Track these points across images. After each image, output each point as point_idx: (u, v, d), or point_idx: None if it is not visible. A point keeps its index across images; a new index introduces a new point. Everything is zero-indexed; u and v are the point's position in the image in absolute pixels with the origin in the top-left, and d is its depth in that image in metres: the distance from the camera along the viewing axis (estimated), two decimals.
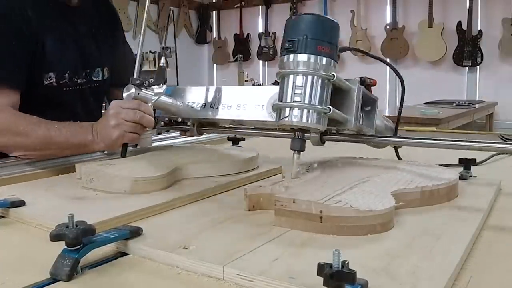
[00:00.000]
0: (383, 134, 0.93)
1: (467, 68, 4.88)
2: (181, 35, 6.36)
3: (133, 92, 0.93)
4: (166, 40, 5.66)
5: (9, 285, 0.50)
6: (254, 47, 6.23)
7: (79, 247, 0.52)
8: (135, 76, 0.94)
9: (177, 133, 1.20)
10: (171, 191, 0.83)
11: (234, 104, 0.93)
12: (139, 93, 0.93)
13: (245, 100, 0.92)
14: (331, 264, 0.43)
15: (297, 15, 0.74)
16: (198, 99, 0.98)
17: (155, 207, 0.74)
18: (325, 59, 0.71)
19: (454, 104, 3.96)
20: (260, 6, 6.15)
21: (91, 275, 0.52)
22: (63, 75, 1.19)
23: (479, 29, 4.75)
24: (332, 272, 0.42)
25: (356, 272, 0.42)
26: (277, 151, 1.19)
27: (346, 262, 0.43)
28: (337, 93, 0.76)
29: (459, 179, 0.82)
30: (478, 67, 4.84)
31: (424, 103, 4.05)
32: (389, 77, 5.18)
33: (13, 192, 0.82)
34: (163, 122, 1.08)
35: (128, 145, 0.98)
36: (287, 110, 0.72)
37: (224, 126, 1.05)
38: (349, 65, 5.41)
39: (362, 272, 0.44)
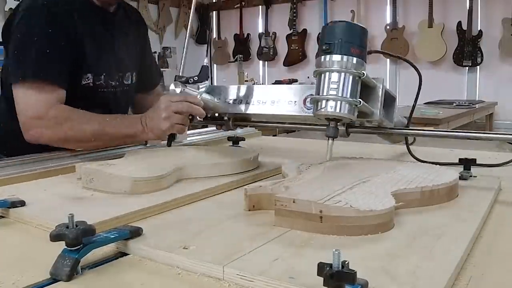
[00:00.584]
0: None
1: (467, 68, 4.88)
2: (181, 35, 6.36)
3: (179, 88, 1.05)
4: (163, 40, 5.67)
5: (9, 285, 0.50)
6: (254, 47, 6.22)
7: (79, 247, 0.52)
8: (180, 74, 1.07)
9: (212, 127, 1.38)
10: (171, 191, 0.83)
11: (268, 100, 1.05)
12: (184, 89, 1.05)
13: (278, 97, 1.03)
14: (331, 264, 0.43)
15: (332, 22, 0.85)
16: (233, 95, 1.10)
17: (155, 207, 0.74)
18: (356, 59, 0.83)
19: (454, 104, 3.95)
20: (260, 6, 6.14)
21: (91, 275, 0.52)
22: (99, 76, 1.26)
23: (479, 29, 4.74)
24: (332, 272, 0.42)
25: (356, 272, 0.42)
26: (277, 151, 1.19)
27: (346, 262, 0.43)
28: (364, 89, 0.87)
29: (459, 179, 0.83)
30: (478, 67, 4.83)
31: (424, 103, 4.04)
32: (389, 77, 5.18)
33: (13, 192, 0.82)
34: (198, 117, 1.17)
35: (174, 136, 1.10)
36: (323, 102, 0.84)
37: (256, 120, 1.15)
38: None
39: (362, 272, 0.44)
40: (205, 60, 1.14)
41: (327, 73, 0.84)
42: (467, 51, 4.76)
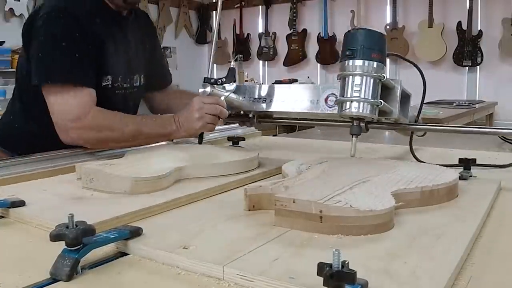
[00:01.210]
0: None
1: (467, 68, 4.88)
2: (181, 35, 6.36)
3: (208, 89, 1.13)
4: (162, 39, 5.67)
5: (9, 285, 0.50)
6: (254, 47, 6.22)
7: (79, 247, 0.52)
8: (208, 76, 1.16)
9: (235, 124, 1.49)
10: (171, 191, 0.83)
11: (291, 99, 1.13)
12: (213, 90, 1.13)
13: (302, 96, 1.11)
14: (331, 264, 0.43)
15: (354, 29, 0.96)
16: (258, 94, 1.17)
17: (155, 207, 0.74)
18: (376, 63, 0.92)
19: (454, 104, 3.95)
20: (260, 6, 6.14)
21: (91, 275, 0.52)
22: (117, 78, 1.29)
23: (479, 29, 4.74)
24: (332, 272, 0.42)
25: (356, 272, 0.42)
26: (277, 151, 1.19)
27: (346, 262, 0.43)
28: (383, 89, 0.96)
29: (459, 179, 0.83)
30: (478, 67, 4.83)
31: (424, 103, 4.04)
32: (389, 77, 5.18)
33: (13, 192, 0.82)
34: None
35: (203, 134, 1.19)
36: (348, 103, 0.93)
37: (278, 118, 1.24)
38: None
39: (362, 272, 0.44)
40: (232, 62, 1.25)
41: (351, 77, 0.92)
42: (467, 51, 4.76)
